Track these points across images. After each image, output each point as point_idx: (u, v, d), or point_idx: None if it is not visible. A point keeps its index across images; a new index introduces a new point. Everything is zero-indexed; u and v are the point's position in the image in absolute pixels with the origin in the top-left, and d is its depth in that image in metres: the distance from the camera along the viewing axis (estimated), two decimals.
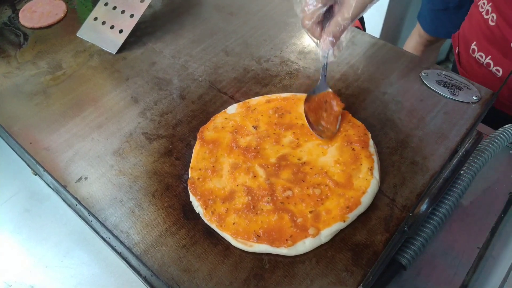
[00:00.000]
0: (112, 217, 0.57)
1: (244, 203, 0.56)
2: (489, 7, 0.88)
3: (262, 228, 0.54)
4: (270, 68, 0.76)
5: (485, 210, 0.70)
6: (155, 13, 0.90)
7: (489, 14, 0.87)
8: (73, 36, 0.86)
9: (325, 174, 0.58)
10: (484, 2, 0.90)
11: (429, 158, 0.61)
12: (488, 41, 0.90)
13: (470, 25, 0.98)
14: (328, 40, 0.60)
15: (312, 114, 0.64)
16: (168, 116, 0.70)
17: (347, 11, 0.57)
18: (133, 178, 0.62)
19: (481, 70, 0.93)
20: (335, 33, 0.59)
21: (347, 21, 0.58)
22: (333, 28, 0.59)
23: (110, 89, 0.75)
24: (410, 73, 0.73)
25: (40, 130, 0.69)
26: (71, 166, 0.64)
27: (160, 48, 0.82)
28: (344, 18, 0.58)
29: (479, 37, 0.92)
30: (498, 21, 0.85)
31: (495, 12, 0.85)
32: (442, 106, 0.68)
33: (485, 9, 0.89)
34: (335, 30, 0.59)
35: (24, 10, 0.92)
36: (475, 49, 0.93)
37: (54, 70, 0.79)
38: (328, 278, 0.50)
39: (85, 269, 0.65)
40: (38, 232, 0.70)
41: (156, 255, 0.53)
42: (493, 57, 0.89)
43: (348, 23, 0.58)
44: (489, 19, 0.87)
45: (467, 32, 0.98)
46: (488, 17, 0.88)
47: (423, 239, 0.60)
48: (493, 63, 0.89)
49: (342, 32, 0.59)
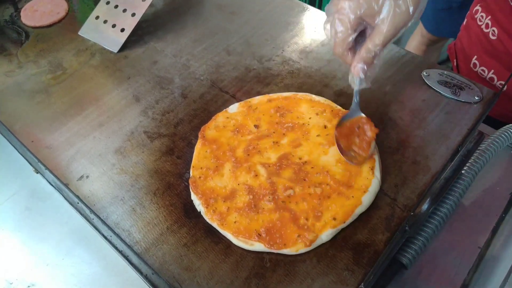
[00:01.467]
0: (114, 215, 0.58)
1: (245, 202, 0.57)
2: (488, 20, 0.85)
3: (263, 227, 0.54)
4: (272, 67, 0.76)
5: (486, 210, 0.70)
6: (156, 12, 0.90)
7: (489, 28, 0.85)
8: (75, 35, 0.86)
9: (326, 173, 0.58)
10: (483, 15, 0.87)
11: (431, 158, 0.61)
12: (490, 55, 0.87)
13: (469, 39, 0.95)
14: (358, 66, 0.57)
15: (344, 139, 0.61)
16: (169, 115, 0.70)
17: (378, 38, 0.55)
18: (134, 177, 0.62)
19: (484, 84, 0.90)
20: (366, 60, 0.57)
21: (378, 48, 0.55)
22: (364, 54, 0.56)
23: (111, 88, 0.75)
24: (412, 73, 0.73)
25: (42, 129, 0.69)
26: (72, 164, 0.64)
27: (162, 47, 0.82)
28: (375, 44, 0.55)
29: (480, 51, 0.90)
30: (500, 35, 0.83)
31: (496, 25, 0.83)
32: (444, 106, 0.68)
33: (484, 23, 0.87)
34: (365, 56, 0.56)
35: (25, 9, 0.92)
36: (477, 63, 0.90)
37: (56, 69, 0.79)
38: (329, 277, 0.50)
39: (86, 267, 0.65)
40: (39, 230, 0.70)
41: (157, 254, 0.54)
42: (496, 71, 0.87)
43: (380, 50, 0.56)
44: (490, 33, 0.85)
45: (466, 45, 0.96)
46: (488, 31, 0.85)
47: (424, 238, 0.60)
48: (496, 78, 0.87)
49: (374, 58, 0.57)
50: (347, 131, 0.62)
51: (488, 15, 0.86)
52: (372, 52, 0.56)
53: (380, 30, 0.54)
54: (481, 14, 0.88)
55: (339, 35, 0.57)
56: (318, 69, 0.75)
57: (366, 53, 0.56)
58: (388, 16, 0.53)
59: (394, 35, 0.55)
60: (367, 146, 0.60)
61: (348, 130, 0.62)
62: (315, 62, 0.77)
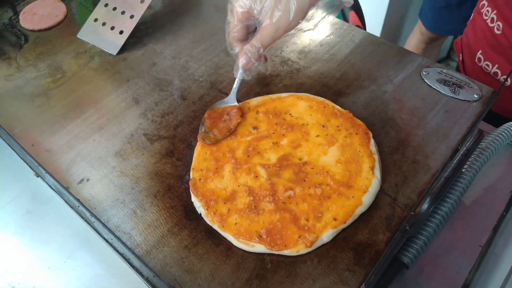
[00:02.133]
0: (114, 218, 0.58)
1: (246, 204, 0.57)
2: (493, 15, 0.86)
3: (264, 228, 0.54)
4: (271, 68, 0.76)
5: (487, 208, 0.70)
6: (155, 14, 0.90)
7: (494, 22, 0.85)
8: (74, 38, 0.86)
9: (326, 173, 0.58)
10: (488, 9, 0.88)
11: (431, 156, 0.61)
12: (494, 50, 0.88)
13: (474, 34, 0.95)
14: (241, 59, 0.62)
15: (210, 121, 0.66)
16: (169, 117, 0.70)
17: (260, 35, 0.59)
18: (134, 179, 0.62)
19: (488, 78, 0.91)
20: (249, 54, 0.61)
21: (259, 45, 0.60)
22: (248, 47, 0.61)
23: (111, 91, 0.75)
24: (411, 72, 0.73)
25: (42, 132, 0.69)
26: (73, 167, 0.64)
27: (161, 49, 0.82)
28: (257, 40, 0.60)
29: (485, 46, 0.90)
30: (504, 30, 0.83)
31: (501, 20, 0.83)
32: (443, 105, 0.68)
33: (490, 17, 0.87)
34: (249, 50, 0.61)
35: (24, 12, 0.92)
36: (481, 58, 0.91)
37: (55, 72, 0.79)
38: (330, 278, 0.51)
39: (88, 270, 0.65)
40: (41, 233, 0.70)
41: (158, 256, 0.54)
42: (501, 66, 0.87)
43: (261, 48, 0.60)
44: (495, 27, 0.85)
45: (472, 40, 0.96)
46: (493, 26, 0.86)
47: (425, 237, 0.60)
48: (500, 72, 0.87)
49: (258, 55, 0.61)
50: (216, 115, 0.67)
51: (493, 9, 0.86)
52: (255, 48, 0.60)
53: (262, 29, 0.59)
54: (487, 8, 0.89)
55: (229, 25, 0.62)
56: (317, 69, 0.75)
57: (250, 47, 0.60)
58: (267, 15, 0.57)
59: (275, 36, 0.59)
60: (227, 131, 0.64)
61: (218, 115, 0.67)
62: (314, 62, 0.77)
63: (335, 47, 0.79)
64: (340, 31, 0.82)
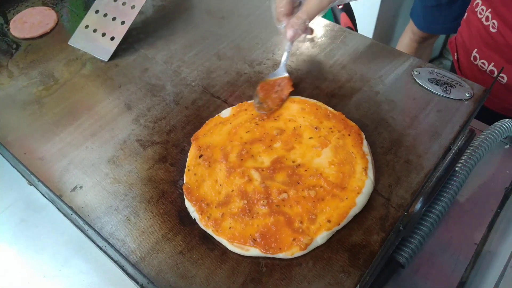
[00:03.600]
0: (108, 225, 0.57)
1: (240, 207, 0.56)
2: (488, 13, 0.86)
3: (258, 232, 0.54)
4: (263, 71, 0.76)
5: (481, 206, 0.70)
6: (146, 19, 0.90)
7: (489, 20, 0.86)
8: (65, 45, 0.86)
9: (319, 175, 0.58)
10: (483, 8, 0.88)
11: (423, 156, 0.61)
12: (490, 48, 0.88)
13: (469, 32, 0.96)
14: (289, 31, 0.67)
15: (263, 92, 0.70)
16: (161, 122, 0.70)
17: (305, 8, 0.65)
18: (128, 186, 0.62)
19: (484, 76, 0.91)
20: (295, 26, 0.66)
21: (305, 17, 0.65)
22: (295, 20, 0.66)
23: (103, 97, 0.75)
24: (402, 72, 0.73)
25: (34, 140, 0.69)
26: (65, 175, 0.64)
27: (152, 54, 0.82)
28: (302, 12, 0.65)
29: (480, 44, 0.91)
30: (500, 28, 0.83)
31: (496, 18, 0.84)
32: (435, 104, 0.68)
33: (484, 16, 0.87)
34: (295, 22, 0.66)
35: (15, 21, 0.92)
36: (477, 56, 0.91)
37: (47, 80, 0.79)
38: (326, 280, 0.50)
39: (83, 278, 0.65)
40: (35, 242, 0.70)
41: (153, 262, 0.53)
42: (496, 64, 0.87)
43: (306, 19, 0.66)
44: (490, 25, 0.85)
45: (467, 39, 0.96)
46: (488, 24, 0.86)
47: (421, 237, 0.60)
48: (496, 70, 0.87)
49: (304, 26, 0.66)
50: (269, 86, 0.71)
51: (488, 8, 0.87)
52: (301, 20, 0.66)
53: (307, 1, 0.65)
54: (481, 7, 0.89)
55: (279, 4, 0.68)
56: (309, 71, 0.75)
57: (296, 19, 0.66)
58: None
59: (320, 6, 0.65)
60: (280, 101, 0.68)
61: (270, 86, 0.71)
62: (306, 64, 0.77)
63: (326, 49, 0.79)
64: (332, 33, 0.82)
